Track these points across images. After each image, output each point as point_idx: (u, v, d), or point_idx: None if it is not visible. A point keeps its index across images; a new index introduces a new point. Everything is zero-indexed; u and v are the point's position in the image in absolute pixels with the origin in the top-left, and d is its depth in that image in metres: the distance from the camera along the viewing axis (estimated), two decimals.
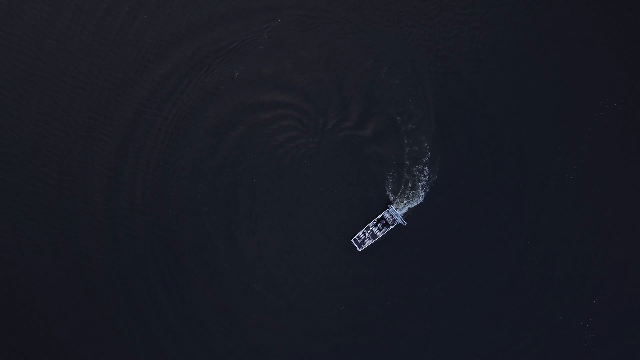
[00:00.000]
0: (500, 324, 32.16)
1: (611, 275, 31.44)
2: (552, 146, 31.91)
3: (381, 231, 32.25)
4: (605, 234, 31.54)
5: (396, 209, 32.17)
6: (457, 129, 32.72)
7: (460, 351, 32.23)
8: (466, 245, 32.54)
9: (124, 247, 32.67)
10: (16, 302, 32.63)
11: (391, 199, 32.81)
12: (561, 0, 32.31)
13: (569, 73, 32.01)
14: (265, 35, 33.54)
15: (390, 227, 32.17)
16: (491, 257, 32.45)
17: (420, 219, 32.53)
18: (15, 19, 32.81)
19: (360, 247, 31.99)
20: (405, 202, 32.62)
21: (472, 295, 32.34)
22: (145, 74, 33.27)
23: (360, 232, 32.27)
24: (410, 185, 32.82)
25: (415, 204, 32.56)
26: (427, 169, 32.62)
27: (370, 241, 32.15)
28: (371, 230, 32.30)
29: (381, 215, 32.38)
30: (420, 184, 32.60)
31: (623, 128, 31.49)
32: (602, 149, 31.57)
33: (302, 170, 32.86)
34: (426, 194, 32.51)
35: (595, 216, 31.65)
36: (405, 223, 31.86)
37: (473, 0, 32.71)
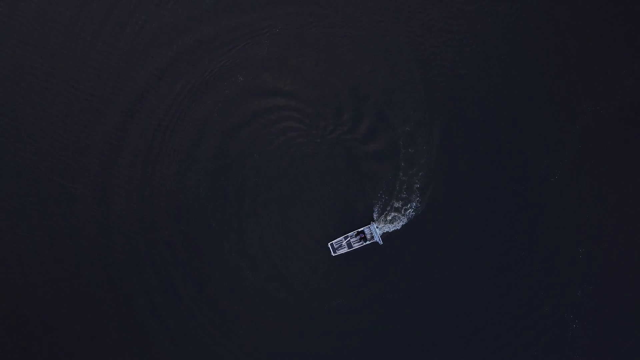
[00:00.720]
0: (495, 319, 33.50)
1: (594, 269, 33.19)
2: (539, 147, 33.62)
3: (358, 243, 33.79)
4: (589, 230, 33.33)
5: (377, 227, 33.88)
6: (455, 131, 33.78)
7: (455, 350, 33.78)
8: (459, 242, 33.75)
9: (124, 248, 34.00)
10: (16, 301, 33.76)
11: (375, 217, 34.03)
12: (551, 11, 33.96)
13: (557, 78, 33.76)
14: (266, 40, 33.86)
15: (367, 242, 33.65)
16: (481, 252, 33.63)
17: (418, 218, 33.71)
18: (17, 20, 33.83)
19: (334, 252, 33.70)
20: (391, 216, 33.78)
21: (464, 291, 33.55)
22: (145, 74, 34.15)
23: (339, 238, 33.85)
24: (405, 186, 33.71)
25: (395, 227, 33.70)
26: (423, 172, 33.63)
27: (345, 250, 33.80)
28: (349, 240, 34.00)
29: (362, 229, 33.80)
30: (416, 185, 33.66)
31: (605, 130, 33.50)
32: (585, 150, 33.53)
33: (301, 172, 34.10)
34: (421, 197, 33.57)
35: (579, 213, 33.45)
36: (381, 242, 33.19)
37: (468, 11, 34.10)
